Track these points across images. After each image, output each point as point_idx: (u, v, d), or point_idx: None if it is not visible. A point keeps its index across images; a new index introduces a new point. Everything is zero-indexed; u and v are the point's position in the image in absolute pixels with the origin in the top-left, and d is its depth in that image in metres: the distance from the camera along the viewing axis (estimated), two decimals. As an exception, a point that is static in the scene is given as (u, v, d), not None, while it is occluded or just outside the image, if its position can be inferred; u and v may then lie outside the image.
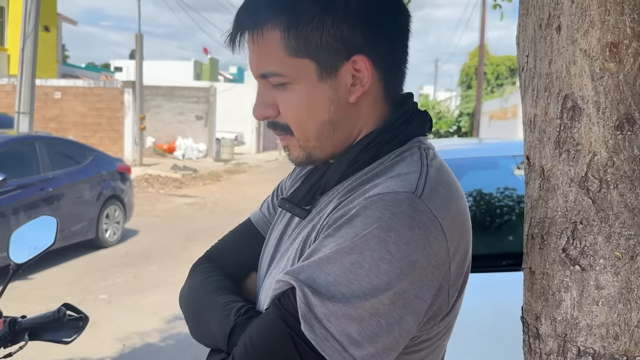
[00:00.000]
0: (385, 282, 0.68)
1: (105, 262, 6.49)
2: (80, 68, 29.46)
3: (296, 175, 1.02)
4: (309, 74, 0.80)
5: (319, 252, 0.73)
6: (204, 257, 1.02)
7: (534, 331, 0.79)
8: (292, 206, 0.87)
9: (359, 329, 0.68)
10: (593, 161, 0.71)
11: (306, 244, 0.80)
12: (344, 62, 0.80)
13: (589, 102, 0.71)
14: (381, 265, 0.69)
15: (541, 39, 0.77)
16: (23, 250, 1.53)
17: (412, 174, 0.76)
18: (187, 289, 0.96)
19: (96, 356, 3.87)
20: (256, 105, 0.84)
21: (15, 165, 5.96)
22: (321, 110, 0.81)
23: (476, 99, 22.20)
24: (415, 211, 0.71)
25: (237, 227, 1.06)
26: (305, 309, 0.69)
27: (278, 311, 0.72)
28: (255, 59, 0.82)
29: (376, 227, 0.70)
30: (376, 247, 0.69)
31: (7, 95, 15.63)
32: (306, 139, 0.83)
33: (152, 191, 12.51)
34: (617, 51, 0.69)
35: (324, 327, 0.68)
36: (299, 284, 0.70)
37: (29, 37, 8.72)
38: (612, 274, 0.70)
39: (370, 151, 0.82)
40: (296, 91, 0.80)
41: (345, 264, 0.69)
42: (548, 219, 0.76)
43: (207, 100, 21.61)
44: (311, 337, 0.68)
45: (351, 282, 0.69)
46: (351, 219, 0.72)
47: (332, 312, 0.68)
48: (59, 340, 1.45)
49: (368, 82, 0.81)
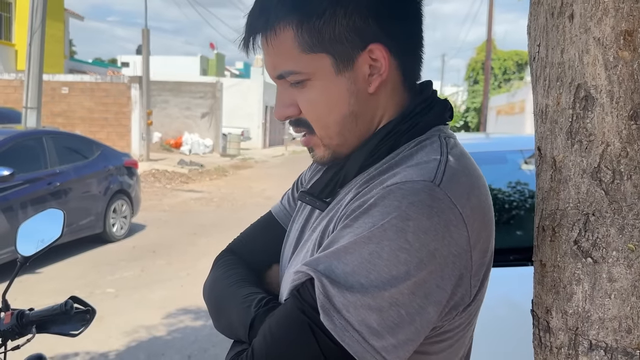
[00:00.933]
0: (404, 272, 0.68)
1: (112, 257, 6.51)
2: (88, 63, 29.52)
3: (315, 167, 1.02)
4: (326, 69, 0.79)
5: (337, 243, 0.72)
6: (227, 249, 1.03)
7: (545, 325, 0.78)
8: (312, 199, 0.87)
9: (378, 319, 0.68)
10: (606, 152, 0.70)
11: (324, 234, 0.80)
12: (360, 52, 0.79)
13: (603, 91, 0.69)
14: (400, 255, 0.68)
15: (553, 28, 0.75)
16: (30, 243, 1.53)
17: (432, 163, 0.75)
18: (210, 281, 0.97)
19: (103, 350, 3.89)
20: (276, 106, 0.84)
21: (23, 160, 5.98)
22: (341, 104, 0.80)
23: (483, 93, 22.09)
24: (434, 200, 0.70)
25: (259, 220, 1.06)
26: (324, 300, 0.69)
27: (297, 302, 0.72)
28: (271, 60, 0.82)
29: (394, 217, 0.69)
30: (394, 236, 0.68)
31: (15, 91, 15.70)
32: (329, 136, 0.82)
33: (159, 186, 12.55)
34: (632, 39, 0.67)
35: (343, 317, 0.68)
36: (317, 274, 0.70)
37: (36, 33, 8.75)
38: (625, 267, 0.69)
39: (389, 141, 0.82)
40: (315, 87, 0.80)
41: (363, 254, 0.69)
42: (559, 210, 0.75)
43: (213, 96, 21.63)
44: (330, 328, 0.68)
45: (369, 272, 0.68)
46: (369, 209, 0.72)
47: (351, 302, 0.68)
48: (66, 332, 1.45)
49: (386, 71, 0.80)
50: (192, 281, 5.41)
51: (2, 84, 16.65)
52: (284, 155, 24.18)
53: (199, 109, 21.66)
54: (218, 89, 21.73)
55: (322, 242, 0.79)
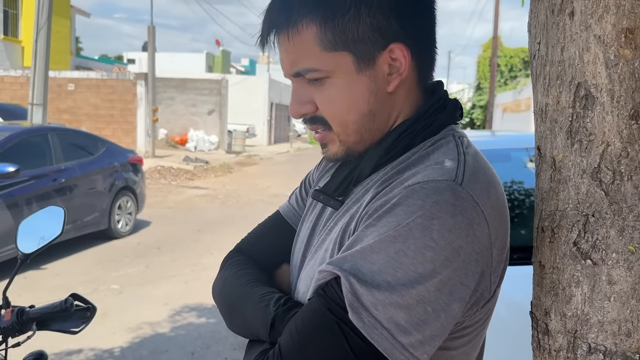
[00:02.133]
0: (430, 270, 0.69)
1: (117, 253, 6.53)
2: (94, 60, 29.62)
3: (324, 166, 1.02)
4: (347, 67, 0.79)
5: (361, 242, 0.73)
6: (235, 249, 1.03)
7: (543, 327, 0.77)
8: (326, 197, 0.88)
9: (406, 317, 0.68)
10: (606, 152, 0.68)
11: (345, 234, 0.80)
12: (381, 51, 0.80)
13: (603, 90, 0.68)
14: (426, 253, 0.69)
15: (553, 25, 0.74)
16: (31, 240, 1.53)
17: (451, 162, 0.76)
18: (220, 281, 0.97)
19: (107, 346, 3.90)
20: (292, 103, 0.84)
21: (28, 156, 6.00)
22: (361, 102, 0.81)
23: (489, 91, 22.00)
24: (457, 198, 0.71)
25: (267, 220, 1.06)
26: (352, 298, 0.69)
27: (323, 300, 0.72)
28: (289, 57, 0.81)
29: (419, 216, 0.70)
30: (420, 235, 0.69)
31: (22, 87, 15.75)
32: (346, 133, 0.82)
33: (165, 183, 12.57)
34: (633, 37, 0.66)
35: (371, 315, 0.68)
36: (344, 273, 0.70)
37: (42, 29, 8.77)
38: (625, 269, 0.67)
39: (404, 140, 0.82)
40: (334, 85, 0.80)
41: (389, 253, 0.70)
42: (559, 211, 0.74)
43: (219, 93, 21.65)
44: (359, 325, 0.69)
45: (396, 270, 0.69)
46: (393, 208, 0.72)
47: (379, 300, 0.68)
48: (67, 330, 1.45)
49: (405, 70, 0.81)
50: (197, 278, 5.41)
51: (9, 80, 16.71)
52: (289, 152, 24.19)
53: (204, 106, 21.69)
54: (223, 85, 21.75)
55: (343, 241, 0.79)
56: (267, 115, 27.61)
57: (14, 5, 20.24)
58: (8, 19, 19.99)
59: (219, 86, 21.74)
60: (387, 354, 0.68)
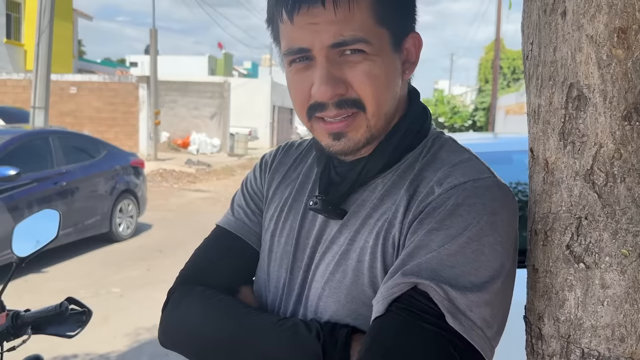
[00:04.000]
0: (501, 264, 0.72)
1: (118, 256, 6.53)
2: (96, 63, 29.69)
3: (273, 174, 0.95)
4: (387, 44, 0.79)
5: (427, 247, 0.72)
6: (183, 282, 0.90)
7: (537, 331, 0.75)
8: (334, 207, 0.83)
9: (490, 312, 0.70)
10: (599, 153, 0.67)
11: (387, 242, 0.78)
12: (405, 37, 0.81)
13: (596, 90, 0.67)
14: (497, 248, 0.72)
15: (546, 25, 0.73)
16: (26, 243, 1.52)
17: (473, 160, 0.80)
18: (193, 320, 0.83)
19: (107, 350, 3.89)
20: (323, 81, 0.75)
21: (29, 160, 6.00)
22: (395, 83, 0.81)
23: (492, 93, 21.97)
24: (504, 193, 0.76)
25: (210, 240, 0.95)
26: (448, 304, 0.69)
27: (411, 314, 0.69)
28: (336, 25, 0.74)
29: (485, 214, 0.72)
30: (490, 232, 0.72)
31: (24, 90, 15.79)
32: (378, 115, 0.79)
33: (166, 186, 12.57)
34: (626, 37, 0.65)
35: (468, 317, 0.69)
36: (433, 281, 0.69)
37: (44, 33, 8.79)
38: (619, 273, 0.66)
39: (407, 139, 0.83)
40: (375, 62, 0.77)
41: (467, 254, 0.70)
42: (552, 214, 0.73)
43: (221, 95, 21.67)
44: (460, 329, 0.68)
45: (477, 269, 0.70)
46: (454, 209, 0.73)
47: (473, 301, 0.69)
48: (62, 334, 1.44)
49: (417, 61, 0.83)
50: (197, 281, 5.39)
51: (11, 83, 16.76)
52: (291, 155, 24.10)
53: (206, 109, 21.70)
54: (226, 88, 21.76)
55: (386, 249, 0.77)
56: (269, 118, 27.61)
57: (17, 9, 20.31)
58: (11, 22, 20.06)
59: (222, 89, 21.75)
60: (481, 350, 0.69)
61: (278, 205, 0.93)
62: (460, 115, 28.36)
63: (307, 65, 0.78)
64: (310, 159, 0.94)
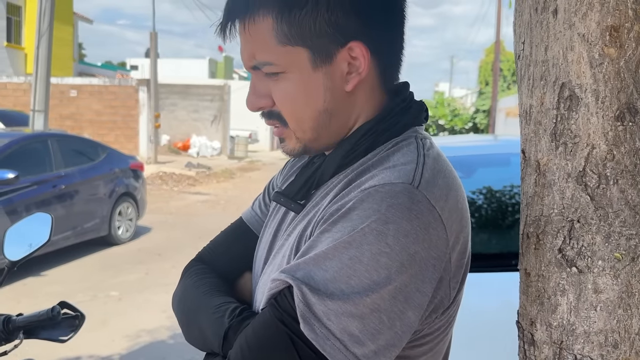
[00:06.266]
0: (385, 277, 0.66)
1: (117, 259, 6.51)
2: (96, 66, 29.73)
3: (288, 170, 0.99)
4: (303, 62, 0.76)
5: (315, 248, 0.70)
6: (196, 258, 0.99)
7: (529, 337, 0.74)
8: (287, 200, 0.85)
9: (360, 326, 0.66)
10: (591, 155, 0.66)
11: (302, 239, 0.78)
12: (340, 48, 0.77)
13: (588, 90, 0.66)
14: (380, 259, 0.66)
15: (537, 24, 0.72)
16: (18, 247, 1.50)
17: (409, 165, 0.73)
18: (180, 291, 0.94)
19: (105, 353, 3.87)
20: (249, 96, 0.81)
21: (28, 163, 5.99)
22: (316, 99, 0.78)
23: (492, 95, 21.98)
24: (413, 202, 0.68)
25: (229, 227, 1.03)
26: (304, 308, 0.67)
27: (275, 311, 0.70)
28: (247, 49, 0.79)
29: (374, 220, 0.67)
30: (374, 240, 0.66)
31: (24, 94, 15.80)
32: (302, 130, 0.80)
33: (166, 189, 12.56)
34: (618, 35, 0.63)
35: (324, 325, 0.66)
36: (297, 282, 0.68)
37: (44, 36, 8.80)
38: (612, 277, 0.65)
39: (366, 141, 0.79)
40: (290, 80, 0.77)
41: (343, 260, 0.67)
42: (544, 217, 0.71)
43: (221, 98, 21.67)
44: (311, 337, 0.66)
45: (350, 278, 0.66)
46: (347, 213, 0.70)
47: (332, 310, 0.66)
48: (55, 338, 1.43)
49: (365, 70, 0.78)
50: (196, 284, 5.38)
51: (12, 87, 16.78)
52: (291, 158, 24.10)
53: (207, 112, 21.70)
54: (226, 91, 21.76)
55: (300, 247, 0.77)
56: (269, 120, 27.59)
57: (17, 12, 20.35)
58: (11, 26, 20.09)
59: (222, 92, 21.75)
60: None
61: None
62: (460, 117, 28.35)
63: None
64: None
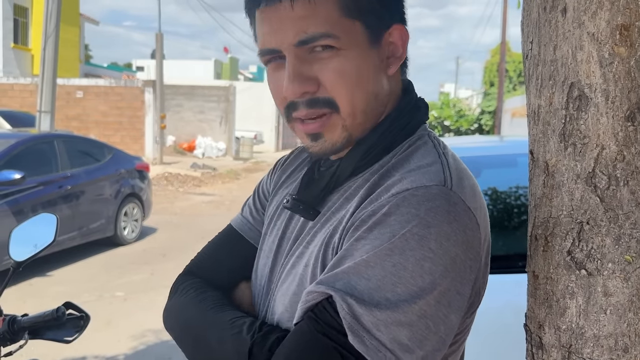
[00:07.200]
0: (430, 282, 0.65)
1: (122, 260, 6.52)
2: (102, 67, 29.83)
3: (281, 174, 0.96)
4: (360, 38, 0.74)
5: (352, 257, 0.67)
6: (186, 272, 0.94)
7: (537, 340, 0.73)
8: (305, 207, 0.80)
9: (409, 334, 0.64)
10: (601, 155, 0.65)
11: (328, 247, 0.74)
12: (386, 29, 0.76)
13: (597, 90, 0.65)
14: (425, 264, 0.65)
15: (545, 23, 0.71)
16: (23, 248, 1.50)
17: (434, 166, 0.72)
18: (175, 309, 0.88)
19: (111, 354, 3.88)
20: (291, 80, 0.72)
21: (34, 163, 6.01)
22: (370, 80, 0.75)
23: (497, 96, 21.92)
24: (450, 204, 0.67)
25: (218, 237, 0.98)
26: (351, 320, 0.64)
27: (316, 325, 0.66)
28: (299, 21, 0.71)
29: (415, 225, 0.65)
30: (417, 245, 0.65)
31: (31, 95, 15.85)
32: (353, 114, 0.74)
33: (172, 189, 12.58)
34: (629, 34, 0.62)
35: (374, 337, 0.64)
36: (340, 293, 0.65)
37: (50, 37, 8.83)
38: (622, 280, 0.64)
39: (384, 140, 0.77)
40: (346, 57, 0.72)
41: (386, 267, 0.65)
42: (552, 218, 0.70)
43: (226, 99, 21.69)
44: (362, 350, 0.64)
45: (396, 285, 0.64)
46: (384, 218, 0.67)
47: (382, 320, 0.64)
48: (60, 339, 1.43)
49: (403, 55, 0.78)
50: (201, 285, 5.38)
51: (19, 88, 16.84)
52: (297, 159, 24.08)
53: (212, 113, 21.73)
54: (231, 92, 21.77)
55: (327, 256, 0.74)
56: (274, 121, 27.62)
57: (24, 14, 20.44)
58: (18, 27, 20.19)
59: (227, 93, 21.77)
60: None
61: (275, 205, 0.92)
62: (466, 118, 28.27)
63: (280, 64, 0.75)
64: None
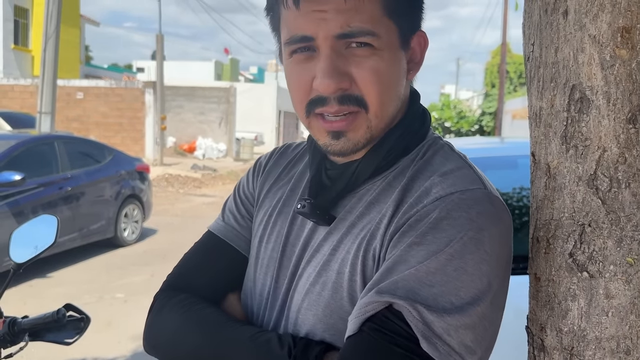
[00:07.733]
0: (487, 284, 0.66)
1: (122, 261, 6.52)
2: (103, 69, 29.87)
3: (266, 177, 0.92)
4: (394, 40, 0.74)
5: (406, 262, 0.67)
6: (169, 288, 0.88)
7: (539, 343, 0.73)
8: (322, 212, 0.78)
9: (472, 337, 0.65)
10: (603, 157, 0.65)
11: (368, 253, 0.73)
12: (413, 34, 0.77)
13: (599, 92, 0.65)
14: (482, 267, 0.66)
15: (547, 25, 0.71)
16: (24, 249, 1.50)
17: (464, 169, 0.74)
18: (170, 329, 0.82)
19: (111, 355, 3.88)
20: (328, 74, 0.71)
21: (35, 165, 6.01)
22: (398, 83, 0.76)
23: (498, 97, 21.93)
24: (495, 207, 0.70)
25: (199, 246, 0.92)
26: (423, 327, 0.64)
27: (382, 335, 0.65)
28: (344, 14, 0.70)
29: (470, 229, 0.67)
30: (475, 249, 0.66)
31: (31, 96, 15.86)
32: (380, 116, 0.74)
33: (172, 191, 12.58)
34: (630, 36, 0.62)
35: (445, 342, 0.64)
36: (408, 301, 0.64)
37: (51, 38, 8.83)
38: (624, 282, 0.64)
39: (402, 143, 0.78)
40: (383, 58, 0.72)
41: (448, 272, 0.65)
42: (554, 220, 0.70)
43: (227, 101, 21.70)
44: (435, 356, 0.63)
45: (459, 289, 0.65)
46: (437, 223, 0.68)
47: (452, 325, 0.64)
48: (60, 341, 1.43)
49: (421, 61, 0.79)
50: (201, 286, 5.37)
51: (19, 89, 16.85)
52: (297, 160, 24.08)
53: (213, 114, 21.74)
54: (232, 93, 21.79)
55: (367, 262, 0.72)
56: (275, 123, 27.64)
57: (24, 15, 20.46)
58: (18, 28, 20.21)
59: (228, 94, 21.78)
60: None
61: (268, 209, 0.89)
62: (466, 120, 28.28)
63: (309, 56, 0.73)
64: (305, 162, 0.90)
